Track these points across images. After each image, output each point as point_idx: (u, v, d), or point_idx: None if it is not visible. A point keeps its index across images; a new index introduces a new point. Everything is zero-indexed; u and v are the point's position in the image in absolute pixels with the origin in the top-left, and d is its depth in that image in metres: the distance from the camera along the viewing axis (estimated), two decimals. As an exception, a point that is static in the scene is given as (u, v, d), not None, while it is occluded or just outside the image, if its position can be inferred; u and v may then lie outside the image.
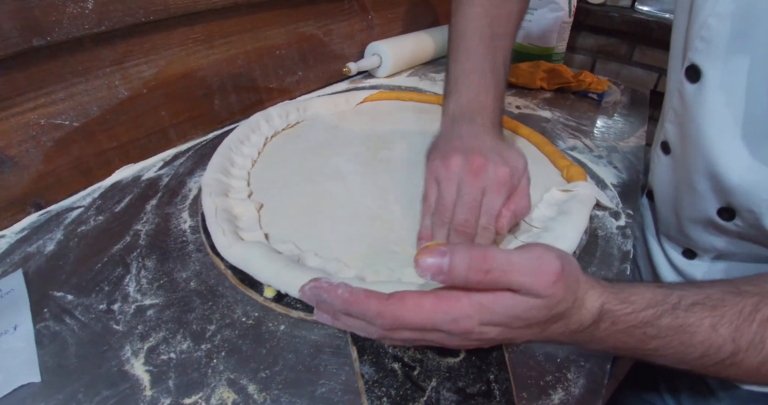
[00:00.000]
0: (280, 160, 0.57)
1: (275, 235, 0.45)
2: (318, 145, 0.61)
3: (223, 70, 0.63)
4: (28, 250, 0.46)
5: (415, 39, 0.89)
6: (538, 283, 0.27)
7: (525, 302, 0.27)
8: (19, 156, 0.49)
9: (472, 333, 0.28)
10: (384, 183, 0.54)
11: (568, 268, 0.29)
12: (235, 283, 0.41)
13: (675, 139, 0.50)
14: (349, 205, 0.50)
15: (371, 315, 0.28)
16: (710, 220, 0.48)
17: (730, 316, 0.32)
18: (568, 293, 0.29)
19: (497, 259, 0.27)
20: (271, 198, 0.50)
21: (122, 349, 0.36)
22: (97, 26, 0.49)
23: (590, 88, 0.90)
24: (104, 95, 0.53)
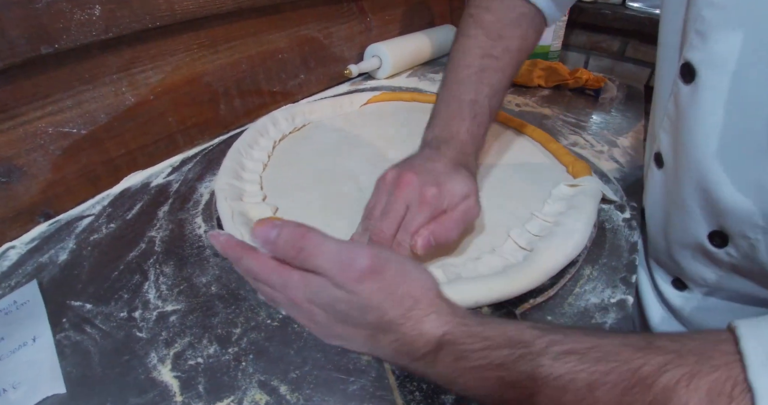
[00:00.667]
0: (291, 163, 0.57)
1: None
2: (327, 147, 0.61)
3: (227, 75, 0.63)
4: (41, 260, 0.45)
5: (413, 40, 0.89)
6: (339, 273, 0.28)
7: (332, 290, 0.29)
8: (27, 165, 0.48)
9: (300, 305, 0.31)
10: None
11: (385, 274, 0.29)
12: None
13: (668, 149, 0.45)
14: (361, 206, 0.50)
15: (235, 259, 0.33)
16: (700, 245, 0.43)
17: (619, 375, 0.24)
18: (386, 302, 0.28)
19: (312, 241, 0.29)
20: (286, 201, 0.50)
21: (148, 356, 0.35)
22: (104, 33, 0.48)
23: (587, 85, 0.91)
24: (111, 102, 0.52)
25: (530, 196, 0.54)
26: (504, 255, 0.45)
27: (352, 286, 0.28)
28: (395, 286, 0.29)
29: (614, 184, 0.60)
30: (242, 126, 0.68)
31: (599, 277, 0.45)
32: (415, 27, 0.96)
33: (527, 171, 0.59)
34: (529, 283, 0.41)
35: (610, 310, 0.41)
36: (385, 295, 0.28)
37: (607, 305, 0.42)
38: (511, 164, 0.61)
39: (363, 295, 0.28)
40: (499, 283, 0.39)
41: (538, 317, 0.41)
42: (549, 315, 0.41)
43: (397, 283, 0.29)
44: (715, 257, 0.43)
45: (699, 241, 0.43)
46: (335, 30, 0.78)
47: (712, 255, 0.43)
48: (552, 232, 0.46)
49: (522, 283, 0.40)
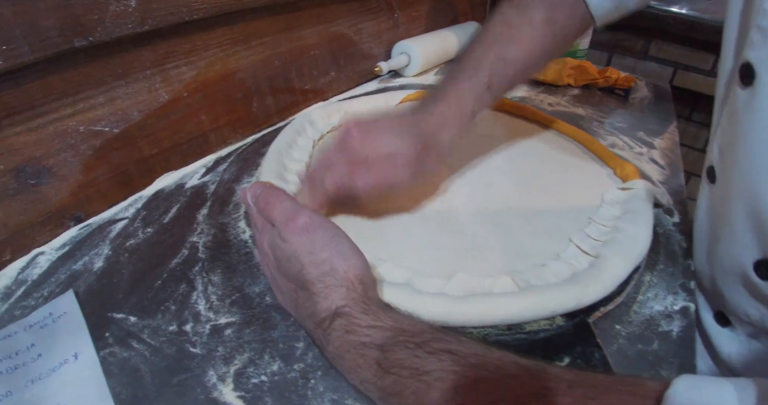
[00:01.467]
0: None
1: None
2: None
3: (260, 72, 0.60)
4: (74, 267, 0.42)
5: (440, 37, 0.87)
6: (283, 225, 0.33)
7: (277, 238, 0.34)
8: (57, 166, 0.45)
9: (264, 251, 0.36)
10: (444, 184, 0.52)
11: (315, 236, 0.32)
12: None
13: (720, 162, 0.41)
14: (415, 212, 0.48)
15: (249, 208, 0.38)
16: (745, 274, 0.38)
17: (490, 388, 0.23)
18: (307, 259, 0.32)
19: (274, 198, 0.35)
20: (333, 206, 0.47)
21: (205, 374, 0.32)
22: (140, 25, 0.45)
23: (616, 85, 0.89)
24: (145, 99, 0.49)
25: (582, 199, 0.52)
26: (569, 261, 0.43)
27: (287, 235, 0.33)
28: (319, 250, 0.32)
29: (660, 187, 0.58)
30: (274, 125, 0.65)
31: (659, 284, 0.44)
32: (439, 24, 0.93)
33: (575, 173, 0.57)
34: (602, 291, 0.39)
35: (674, 317, 0.40)
36: (308, 252, 0.32)
37: (670, 312, 0.40)
38: (558, 166, 0.58)
39: (292, 246, 0.32)
40: (574, 293, 0.38)
41: (607, 326, 0.39)
42: (617, 323, 0.39)
43: (322, 248, 0.32)
44: (759, 290, 0.38)
45: (743, 270, 0.38)
46: (364, 26, 0.75)
47: (757, 287, 0.38)
48: (614, 237, 0.44)
49: (596, 292, 0.39)
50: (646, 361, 0.35)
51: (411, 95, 0.71)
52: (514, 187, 0.53)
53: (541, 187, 0.54)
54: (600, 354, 0.34)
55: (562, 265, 0.42)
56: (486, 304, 0.36)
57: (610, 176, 0.58)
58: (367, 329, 0.28)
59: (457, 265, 0.41)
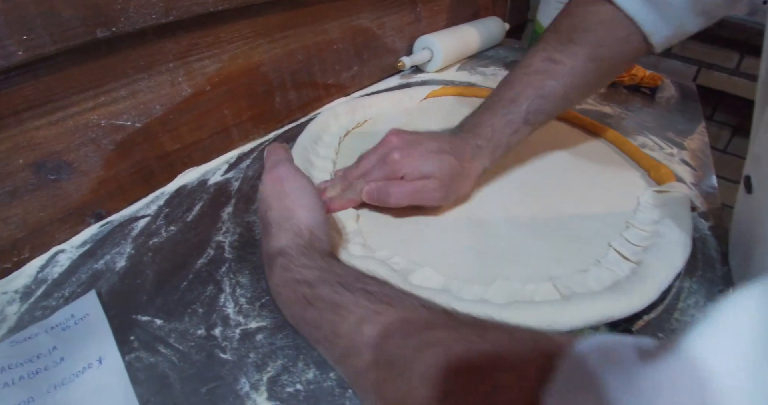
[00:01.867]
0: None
1: (381, 248, 0.41)
2: None
3: (283, 66, 0.58)
4: (96, 266, 0.41)
5: (462, 32, 0.85)
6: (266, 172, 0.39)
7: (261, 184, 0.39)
8: (77, 161, 0.44)
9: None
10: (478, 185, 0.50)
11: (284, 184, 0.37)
12: None
13: (756, 172, 0.40)
14: (449, 214, 0.46)
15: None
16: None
17: (392, 320, 0.26)
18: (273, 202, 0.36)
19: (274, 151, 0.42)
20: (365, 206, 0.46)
21: (237, 382, 0.31)
22: (164, 16, 0.44)
23: (642, 83, 0.87)
24: (167, 92, 0.48)
25: (617, 201, 0.50)
26: (610, 267, 0.41)
27: (266, 180, 0.38)
28: (284, 196, 0.36)
29: (693, 190, 0.56)
30: (295, 120, 0.63)
31: (699, 291, 0.42)
32: (460, 18, 0.91)
33: (608, 175, 0.55)
34: (647, 300, 0.37)
35: (718, 326, 0.37)
36: (275, 196, 0.36)
37: (712, 320, 0.38)
38: (591, 167, 0.56)
39: (266, 190, 0.37)
40: (619, 301, 0.36)
41: (649, 334, 0.37)
42: (659, 332, 0.38)
43: (287, 194, 0.36)
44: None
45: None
46: (387, 20, 0.73)
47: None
48: (655, 243, 0.43)
49: (641, 300, 0.37)
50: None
51: (436, 91, 0.69)
52: (548, 188, 0.51)
53: (575, 189, 0.52)
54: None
55: (603, 271, 0.41)
56: (530, 311, 0.34)
57: (644, 178, 0.56)
58: (301, 268, 0.31)
59: (496, 271, 0.40)
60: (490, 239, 0.43)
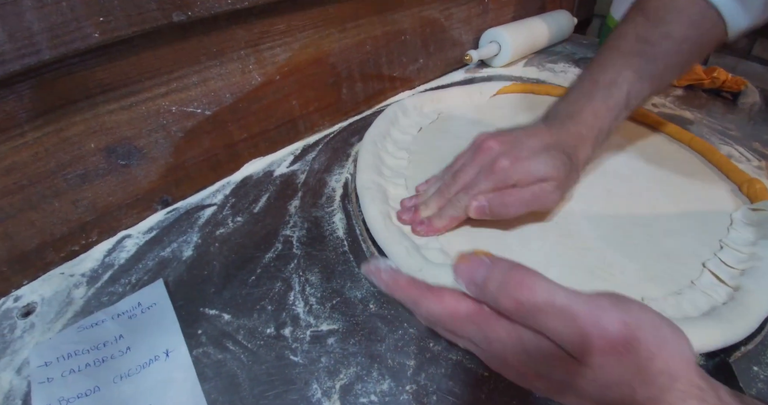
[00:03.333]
0: (434, 161, 0.49)
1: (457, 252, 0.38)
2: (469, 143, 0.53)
3: (351, 56, 0.57)
4: (162, 254, 0.40)
5: (530, 25, 0.81)
6: (577, 342, 0.21)
7: (561, 360, 0.22)
8: (147, 147, 0.43)
9: (509, 364, 0.24)
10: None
11: (640, 346, 0.21)
12: None
13: None
14: (533, 222, 0.43)
15: (410, 303, 0.27)
16: None
17: None
18: (636, 379, 0.21)
19: (536, 293, 0.22)
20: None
21: (308, 387, 0.29)
22: (239, 1, 0.42)
23: (724, 87, 0.80)
24: (238, 81, 0.47)
25: (708, 218, 0.46)
26: (706, 291, 0.37)
27: (595, 359, 0.21)
28: (650, 360, 0.21)
29: None
30: (361, 113, 0.61)
31: None
32: (528, 12, 0.87)
33: (697, 187, 0.51)
34: (748, 329, 0.34)
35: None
36: (635, 370, 0.21)
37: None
38: (677, 177, 0.52)
39: (607, 371, 0.21)
40: (718, 329, 0.32)
41: (744, 367, 0.33)
42: (755, 365, 0.34)
43: (653, 354, 0.22)
44: None
45: None
46: (455, 11, 0.70)
47: None
48: (754, 266, 0.38)
49: (742, 330, 0.33)
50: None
51: (507, 87, 0.65)
52: (635, 199, 0.47)
53: (663, 200, 0.47)
54: None
55: (698, 294, 0.37)
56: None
57: (735, 192, 0.51)
58: None
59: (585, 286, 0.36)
60: (577, 252, 0.40)
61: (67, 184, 0.40)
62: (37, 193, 0.38)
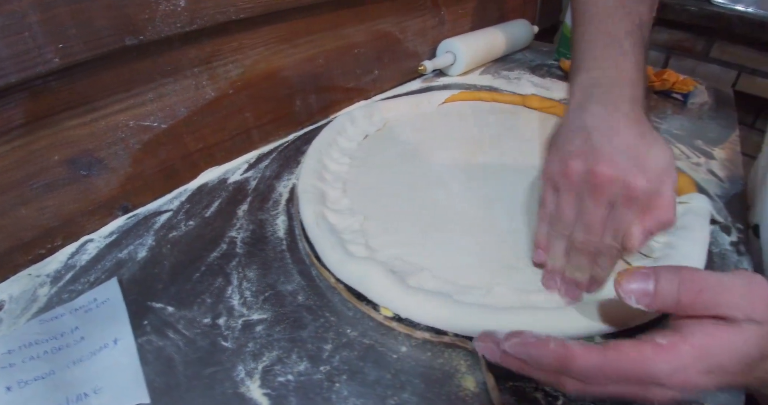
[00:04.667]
0: (374, 166, 0.54)
1: (383, 249, 0.42)
2: (411, 150, 0.57)
3: (304, 70, 0.61)
4: (120, 255, 0.44)
5: (487, 35, 0.85)
6: (753, 305, 0.24)
7: (743, 332, 0.24)
8: (107, 158, 0.47)
9: (686, 385, 0.24)
10: (487, 191, 0.51)
11: None
12: (347, 298, 0.38)
13: None
14: (456, 216, 0.47)
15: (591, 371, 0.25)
16: None
17: None
18: None
19: (708, 280, 0.25)
20: (373, 209, 0.47)
21: (235, 368, 0.33)
22: (188, 25, 0.47)
23: (674, 88, 0.84)
24: (192, 96, 0.51)
25: None
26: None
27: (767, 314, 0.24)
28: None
29: (717, 202, 0.54)
30: (316, 123, 0.65)
31: None
32: (487, 22, 0.91)
33: None
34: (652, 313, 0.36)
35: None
36: None
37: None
38: None
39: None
40: (621, 312, 0.35)
41: None
42: None
43: None
44: None
45: None
46: (409, 24, 0.75)
47: None
48: (667, 254, 0.41)
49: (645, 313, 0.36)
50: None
51: (455, 95, 0.70)
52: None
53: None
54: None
55: (610, 281, 0.41)
56: (525, 317, 0.35)
57: None
58: None
59: (497, 277, 0.40)
60: (497, 246, 0.44)
61: (33, 193, 0.44)
62: (7, 202, 0.42)
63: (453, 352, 0.35)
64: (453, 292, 0.38)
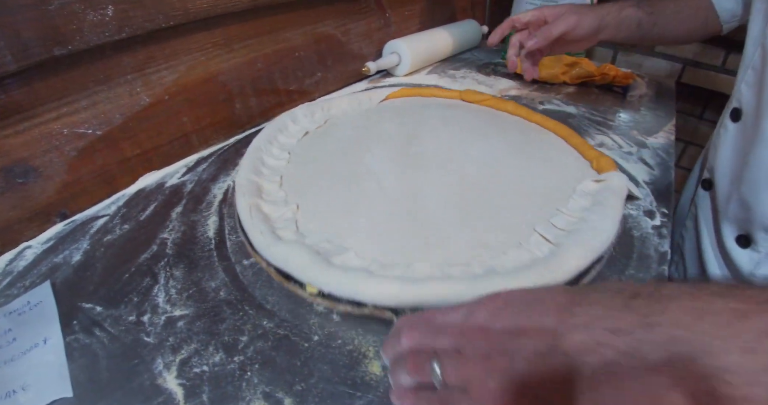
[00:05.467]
0: (311, 160, 0.56)
1: (313, 235, 0.45)
2: (347, 144, 0.60)
3: (243, 74, 0.63)
4: (55, 260, 0.45)
5: (433, 36, 0.87)
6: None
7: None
8: (43, 166, 0.49)
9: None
10: (417, 179, 0.54)
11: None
12: (277, 280, 0.41)
13: (749, 100, 0.52)
14: (384, 204, 0.49)
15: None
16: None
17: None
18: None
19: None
20: (306, 199, 0.50)
21: (154, 362, 0.35)
22: (117, 33, 0.48)
23: (614, 82, 0.88)
24: (126, 103, 0.52)
25: (555, 192, 0.52)
26: (530, 248, 0.43)
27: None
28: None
29: (644, 188, 0.57)
30: (258, 125, 0.67)
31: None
32: (436, 22, 0.94)
33: (551, 166, 0.58)
34: (558, 279, 0.39)
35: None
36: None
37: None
38: (535, 159, 0.59)
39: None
40: (528, 278, 0.38)
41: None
42: None
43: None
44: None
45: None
46: (353, 27, 0.77)
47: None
48: (578, 228, 0.44)
49: (552, 279, 0.39)
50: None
51: (395, 92, 0.72)
52: (488, 179, 0.54)
53: (515, 180, 0.54)
54: None
55: (523, 252, 0.43)
56: (440, 287, 0.37)
57: (586, 169, 0.58)
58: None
59: (417, 255, 0.43)
60: (421, 229, 0.46)
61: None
62: (-57, 212, 0.44)
63: (362, 339, 0.37)
64: (375, 269, 0.40)
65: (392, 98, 0.72)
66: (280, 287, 0.41)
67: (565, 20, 0.65)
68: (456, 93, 0.74)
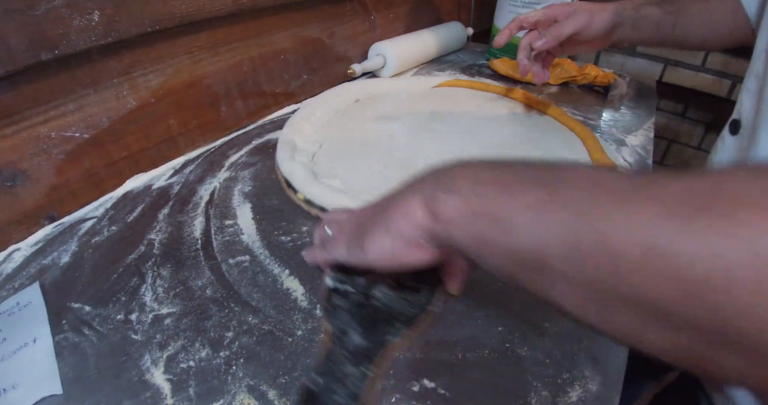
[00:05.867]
0: (351, 119, 0.69)
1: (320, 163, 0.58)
2: (383, 115, 0.71)
3: (228, 77, 0.64)
4: (44, 262, 0.46)
5: (418, 38, 0.89)
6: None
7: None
8: (31, 169, 0.49)
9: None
10: (423, 146, 0.64)
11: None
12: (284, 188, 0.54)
13: (749, 111, 0.49)
14: (386, 156, 0.60)
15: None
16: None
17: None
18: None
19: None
20: (330, 141, 0.63)
21: (142, 358, 0.36)
22: (103, 38, 0.49)
23: (595, 82, 0.90)
24: (113, 106, 0.53)
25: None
26: None
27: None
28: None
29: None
30: (244, 127, 0.68)
31: None
32: (421, 24, 0.95)
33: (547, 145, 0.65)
34: None
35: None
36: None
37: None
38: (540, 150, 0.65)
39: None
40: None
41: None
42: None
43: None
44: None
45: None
46: (338, 30, 0.78)
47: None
48: None
49: None
50: (570, 361, 0.38)
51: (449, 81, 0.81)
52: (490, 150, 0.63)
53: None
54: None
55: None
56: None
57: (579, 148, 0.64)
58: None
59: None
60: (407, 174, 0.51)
61: (-42, 205, 0.46)
62: (-68, 215, 0.44)
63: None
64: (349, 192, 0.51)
65: (444, 86, 0.81)
66: (265, 284, 0.42)
67: (576, 18, 0.60)
68: (501, 89, 0.81)
